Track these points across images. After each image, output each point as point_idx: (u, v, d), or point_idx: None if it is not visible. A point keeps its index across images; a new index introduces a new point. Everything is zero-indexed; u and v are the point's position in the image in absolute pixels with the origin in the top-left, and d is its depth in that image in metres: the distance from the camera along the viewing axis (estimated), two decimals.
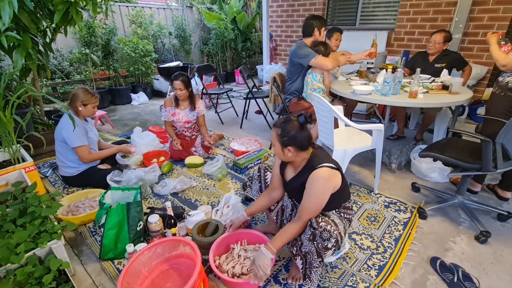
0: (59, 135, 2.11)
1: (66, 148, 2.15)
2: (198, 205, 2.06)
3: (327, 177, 1.26)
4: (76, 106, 2.13)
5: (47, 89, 4.26)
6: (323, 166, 1.27)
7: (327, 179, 1.26)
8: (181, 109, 2.75)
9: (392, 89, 2.03)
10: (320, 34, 2.61)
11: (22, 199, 1.54)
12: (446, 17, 3.58)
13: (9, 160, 2.16)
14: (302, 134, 1.28)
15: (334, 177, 1.29)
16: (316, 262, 1.29)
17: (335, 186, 1.30)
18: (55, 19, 2.24)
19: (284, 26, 5.36)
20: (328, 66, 2.42)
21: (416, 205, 2.03)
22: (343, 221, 1.37)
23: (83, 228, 1.85)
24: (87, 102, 2.14)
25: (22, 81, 2.54)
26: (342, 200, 1.40)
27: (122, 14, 5.36)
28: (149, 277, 1.38)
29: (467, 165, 1.69)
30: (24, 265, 1.23)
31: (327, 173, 1.26)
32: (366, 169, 2.59)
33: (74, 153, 2.15)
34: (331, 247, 1.22)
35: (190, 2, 6.56)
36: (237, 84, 6.50)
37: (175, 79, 2.59)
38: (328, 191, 1.28)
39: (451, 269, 1.47)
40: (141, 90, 5.13)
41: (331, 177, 1.28)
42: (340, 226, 1.30)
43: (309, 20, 2.60)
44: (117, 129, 3.79)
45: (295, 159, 1.35)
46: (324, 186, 1.26)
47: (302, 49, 2.52)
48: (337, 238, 1.23)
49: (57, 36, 2.67)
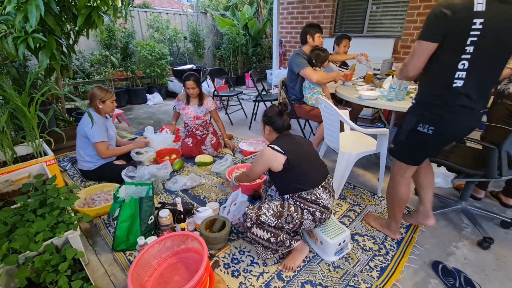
0: (81, 131, 2.22)
1: (86, 143, 2.26)
2: (206, 202, 2.13)
3: (265, 154, 1.51)
4: (95, 104, 2.25)
5: (69, 88, 4.46)
6: (270, 146, 1.51)
7: (264, 155, 1.52)
8: (191, 105, 2.90)
9: (398, 95, 2.06)
10: (314, 40, 2.72)
11: (42, 190, 1.58)
12: None
13: (32, 153, 2.27)
14: (278, 118, 1.57)
15: (272, 157, 1.49)
16: (252, 240, 1.55)
17: (270, 165, 1.51)
18: (78, 22, 2.36)
19: (293, 32, 5.44)
20: (312, 79, 2.59)
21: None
22: (292, 208, 1.48)
23: (98, 220, 1.92)
24: (105, 99, 2.26)
25: (46, 80, 2.67)
26: (298, 185, 1.50)
27: (140, 19, 5.58)
28: (158, 269, 1.41)
29: (471, 171, 1.70)
30: (42, 253, 1.26)
31: (267, 152, 1.51)
32: (370, 172, 2.62)
33: (93, 148, 2.26)
34: (251, 226, 1.47)
35: (204, 9, 6.74)
36: (247, 87, 6.59)
37: (187, 80, 2.76)
38: (261, 164, 1.55)
39: (453, 274, 1.47)
40: (156, 91, 5.30)
41: (268, 156, 1.50)
42: (265, 211, 1.46)
43: (304, 28, 2.76)
44: (132, 127, 3.93)
45: (269, 138, 1.64)
46: (259, 160, 1.56)
47: (297, 58, 2.67)
48: (252, 219, 1.46)
49: (80, 38, 2.80)
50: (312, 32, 2.71)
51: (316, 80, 2.57)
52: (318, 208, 1.49)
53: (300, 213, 1.48)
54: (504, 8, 1.11)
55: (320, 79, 2.58)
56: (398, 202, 1.63)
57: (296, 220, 1.46)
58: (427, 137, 1.35)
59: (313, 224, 1.52)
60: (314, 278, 1.49)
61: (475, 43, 1.15)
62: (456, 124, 1.30)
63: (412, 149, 1.47)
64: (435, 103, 1.30)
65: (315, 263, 1.58)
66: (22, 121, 2.09)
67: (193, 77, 2.78)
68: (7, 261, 1.18)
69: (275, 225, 1.46)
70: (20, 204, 1.52)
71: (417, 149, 1.45)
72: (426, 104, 1.35)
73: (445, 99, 1.27)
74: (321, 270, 1.54)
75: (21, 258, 1.26)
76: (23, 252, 1.26)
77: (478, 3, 1.10)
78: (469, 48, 1.16)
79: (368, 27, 4.60)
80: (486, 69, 1.21)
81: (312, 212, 1.49)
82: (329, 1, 4.73)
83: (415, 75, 1.34)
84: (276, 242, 1.47)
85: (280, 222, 1.45)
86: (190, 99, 2.91)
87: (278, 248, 1.50)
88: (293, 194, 1.52)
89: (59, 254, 1.30)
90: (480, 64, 1.19)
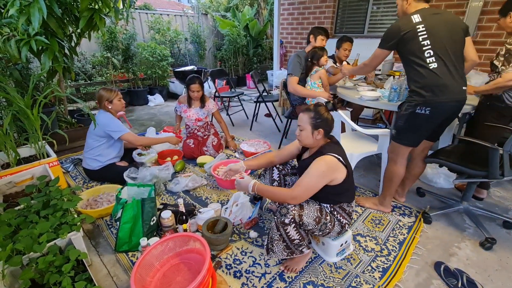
0: (99, 132, 2.24)
1: (100, 142, 2.28)
2: (208, 203, 2.13)
3: (330, 164, 1.36)
4: (104, 105, 2.27)
5: (71, 89, 4.48)
6: (331, 155, 1.36)
7: (330, 166, 1.36)
8: (192, 107, 2.89)
9: (399, 95, 2.06)
10: (316, 41, 2.77)
11: (45, 192, 1.59)
12: None
13: (35, 155, 2.28)
14: (331, 120, 1.44)
15: (337, 169, 1.37)
16: (276, 236, 1.40)
17: (335, 178, 1.37)
18: (80, 25, 2.37)
19: (294, 33, 5.44)
20: (289, 88, 2.73)
21: (421, 210, 2.05)
22: (328, 217, 1.42)
23: (101, 221, 1.93)
24: (111, 98, 2.28)
25: (49, 82, 2.69)
26: (341, 199, 1.46)
27: (141, 21, 5.60)
28: (161, 270, 1.41)
29: (473, 171, 1.70)
30: (45, 254, 1.27)
31: (332, 160, 1.36)
32: (371, 173, 2.62)
33: (104, 148, 2.29)
34: (289, 223, 1.34)
35: (205, 10, 6.77)
36: (248, 88, 6.60)
37: (192, 83, 2.73)
38: (325, 176, 1.35)
39: (455, 274, 1.47)
40: (157, 92, 5.32)
41: (333, 166, 1.36)
42: (307, 212, 1.36)
43: (310, 29, 2.85)
44: (134, 128, 3.94)
45: (317, 144, 1.46)
46: (323, 169, 1.35)
47: (293, 61, 2.74)
48: (294, 217, 1.33)
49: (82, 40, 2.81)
50: (316, 33, 2.75)
51: (292, 90, 2.72)
52: (350, 221, 1.50)
53: (332, 224, 1.44)
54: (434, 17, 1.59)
55: (296, 91, 2.72)
56: (397, 179, 1.90)
57: (327, 229, 1.43)
58: (425, 117, 1.64)
59: (335, 235, 1.51)
60: (316, 279, 1.49)
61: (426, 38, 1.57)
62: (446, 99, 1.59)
63: (412, 131, 1.73)
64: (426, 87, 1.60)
65: (317, 264, 1.59)
66: (25, 123, 2.10)
67: (198, 80, 2.76)
68: (11, 262, 1.19)
69: (310, 229, 1.39)
70: (24, 205, 1.53)
71: (417, 130, 1.72)
72: (419, 90, 1.63)
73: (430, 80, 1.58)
74: (323, 271, 1.54)
75: (25, 259, 1.28)
76: (27, 253, 1.27)
77: (414, 18, 1.60)
78: (426, 42, 1.57)
79: (369, 27, 4.59)
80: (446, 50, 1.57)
81: (344, 224, 1.47)
82: (330, 1, 4.73)
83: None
84: (298, 244, 1.40)
85: (315, 228, 1.39)
86: (192, 101, 2.90)
87: (295, 250, 1.43)
88: (333, 205, 1.48)
89: (63, 255, 1.31)
90: (441, 50, 1.56)
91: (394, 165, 1.88)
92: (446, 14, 1.63)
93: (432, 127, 1.72)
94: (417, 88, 1.64)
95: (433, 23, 1.57)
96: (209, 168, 2.48)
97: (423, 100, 1.62)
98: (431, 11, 1.62)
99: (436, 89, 1.58)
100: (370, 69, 1.98)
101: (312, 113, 1.42)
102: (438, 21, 1.59)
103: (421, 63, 1.60)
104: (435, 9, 1.66)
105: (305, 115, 1.44)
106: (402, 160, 1.86)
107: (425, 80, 1.60)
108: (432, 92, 1.59)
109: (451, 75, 1.58)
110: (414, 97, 1.67)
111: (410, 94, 1.70)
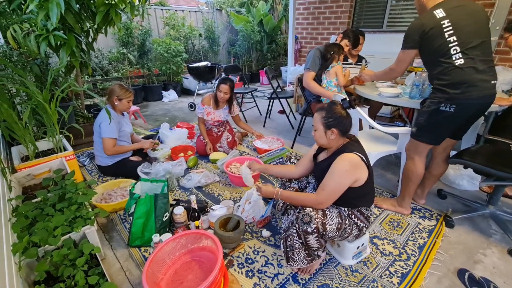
0: (97, 127, 2.26)
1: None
2: (220, 200, 2.11)
3: (354, 162, 1.29)
4: (112, 100, 2.27)
5: (88, 85, 4.57)
6: (353, 153, 1.30)
7: (353, 164, 1.29)
8: (217, 110, 2.85)
9: (421, 92, 1.96)
10: (341, 41, 2.75)
11: (61, 185, 1.62)
12: None
13: (52, 148, 2.33)
14: (346, 118, 1.35)
15: (360, 167, 1.31)
16: (297, 244, 1.34)
17: (358, 177, 1.31)
18: (96, 20, 2.40)
19: (309, 28, 5.32)
20: (304, 82, 2.72)
21: (442, 213, 1.95)
22: (347, 221, 1.37)
23: (114, 215, 1.95)
24: (122, 97, 2.28)
25: (67, 77, 2.75)
26: (359, 203, 1.39)
27: (157, 17, 5.64)
28: (173, 267, 1.40)
29: (503, 174, 1.59)
30: (60, 247, 1.29)
31: (355, 158, 1.29)
32: (389, 173, 2.52)
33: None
34: (312, 232, 1.28)
35: (220, 6, 6.75)
36: (261, 85, 6.55)
37: (223, 83, 2.69)
38: (349, 175, 1.29)
39: (481, 284, 1.38)
40: (172, 88, 5.36)
41: (357, 165, 1.30)
42: (330, 219, 1.32)
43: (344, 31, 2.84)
44: (148, 123, 3.98)
45: (334, 144, 1.40)
46: (347, 168, 1.28)
47: (313, 55, 2.69)
48: (318, 226, 1.26)
49: (98, 36, 2.85)
50: (345, 36, 2.74)
51: (305, 84, 2.71)
52: (367, 225, 1.44)
53: (351, 228, 1.38)
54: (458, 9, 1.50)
55: (309, 87, 2.69)
56: (416, 178, 1.82)
57: (345, 234, 1.37)
58: (449, 115, 1.56)
59: (353, 238, 1.45)
60: (330, 282, 1.44)
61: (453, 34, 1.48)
62: (474, 96, 1.49)
63: (433, 128, 1.65)
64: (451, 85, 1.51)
65: (332, 266, 1.53)
66: (43, 117, 2.14)
67: (230, 82, 2.71)
68: (28, 254, 1.21)
69: (330, 236, 1.34)
70: (41, 198, 1.56)
71: (438, 128, 1.64)
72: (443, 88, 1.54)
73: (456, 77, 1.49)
74: (338, 274, 1.48)
75: (41, 252, 1.29)
76: (42, 245, 1.28)
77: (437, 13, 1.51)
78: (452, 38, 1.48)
79: (388, 22, 4.42)
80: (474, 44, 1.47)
81: (361, 228, 1.42)
82: None
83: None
84: (317, 249, 1.34)
85: (336, 235, 1.34)
86: (219, 103, 2.82)
87: (314, 256, 1.38)
88: (351, 208, 1.42)
89: (77, 249, 1.32)
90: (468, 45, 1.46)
91: (412, 163, 1.80)
92: (469, 5, 1.52)
93: (455, 125, 1.64)
94: (441, 86, 1.55)
95: (458, 17, 1.48)
96: (221, 164, 2.46)
97: (448, 97, 1.53)
98: (453, 3, 1.51)
99: (462, 86, 1.49)
100: (398, 74, 1.82)
101: (324, 112, 1.37)
102: (462, 14, 1.49)
103: (446, 60, 1.51)
104: (457, 0, 1.53)
105: (318, 114, 1.40)
106: (421, 158, 1.78)
107: (451, 77, 1.51)
108: (458, 89, 1.50)
109: (479, 70, 1.48)
110: (437, 93, 1.58)
111: (434, 91, 1.62)
